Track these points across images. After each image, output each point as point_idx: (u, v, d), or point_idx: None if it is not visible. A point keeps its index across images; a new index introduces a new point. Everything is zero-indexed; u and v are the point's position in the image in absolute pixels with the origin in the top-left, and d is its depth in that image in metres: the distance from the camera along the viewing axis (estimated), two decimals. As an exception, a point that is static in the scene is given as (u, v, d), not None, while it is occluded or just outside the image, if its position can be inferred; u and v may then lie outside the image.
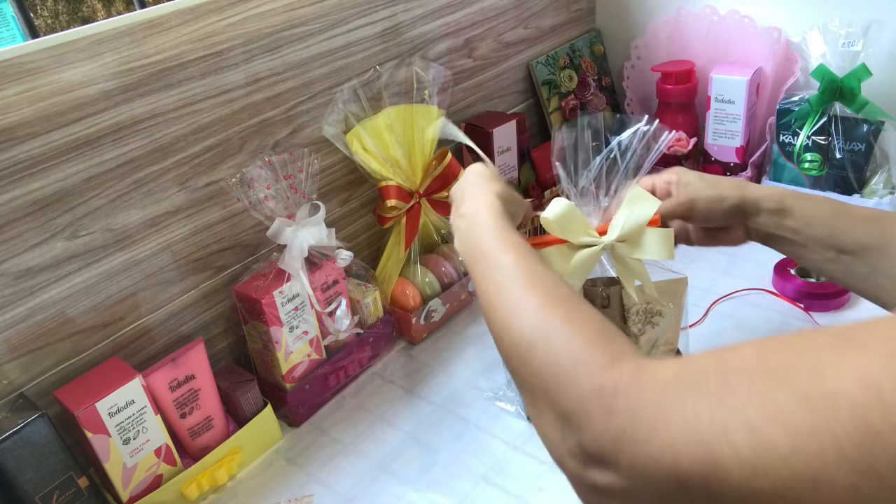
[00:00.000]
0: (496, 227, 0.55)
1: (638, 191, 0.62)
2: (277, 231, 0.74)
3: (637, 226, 0.63)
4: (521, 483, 0.69)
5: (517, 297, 0.47)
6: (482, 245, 0.55)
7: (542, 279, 0.48)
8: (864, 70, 0.93)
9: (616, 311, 0.70)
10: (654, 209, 0.63)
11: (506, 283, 0.49)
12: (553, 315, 0.44)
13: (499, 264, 0.51)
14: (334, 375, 0.83)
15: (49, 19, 2.22)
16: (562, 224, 0.62)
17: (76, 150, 0.64)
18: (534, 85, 1.16)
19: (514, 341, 0.45)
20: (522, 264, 0.50)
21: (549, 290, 0.47)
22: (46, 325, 0.67)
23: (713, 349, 0.36)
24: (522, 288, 0.48)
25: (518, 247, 0.53)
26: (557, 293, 0.47)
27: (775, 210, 0.62)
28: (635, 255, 0.65)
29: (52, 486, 0.62)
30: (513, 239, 0.54)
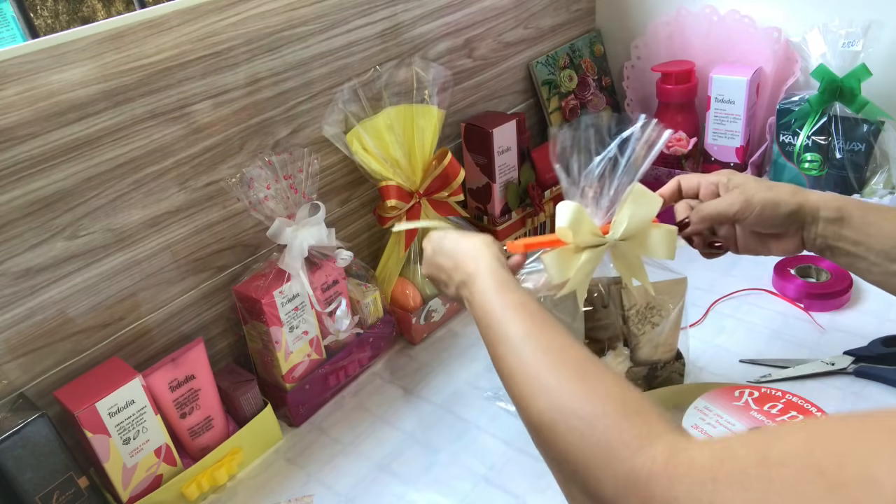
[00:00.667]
0: (496, 290, 0.54)
1: (640, 189, 0.62)
2: (277, 231, 0.74)
3: (641, 224, 0.62)
4: (521, 483, 0.69)
5: (532, 371, 0.45)
6: (486, 313, 0.53)
7: (553, 345, 0.46)
8: (864, 70, 0.93)
9: (616, 311, 0.70)
10: (657, 207, 0.63)
11: (514, 355, 0.47)
12: (572, 390, 0.42)
13: (505, 335, 0.50)
14: (334, 375, 0.83)
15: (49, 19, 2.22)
16: (573, 227, 0.62)
17: (76, 150, 0.64)
18: (534, 85, 1.16)
19: (535, 420, 0.43)
20: (531, 329, 0.48)
21: (560, 358, 0.45)
22: (46, 325, 0.67)
23: (754, 431, 0.33)
24: (532, 360, 0.46)
25: (523, 308, 0.51)
26: (571, 359, 0.44)
27: (834, 219, 0.59)
28: (638, 253, 0.65)
29: (52, 486, 0.62)
30: (516, 299, 0.52)
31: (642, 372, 0.73)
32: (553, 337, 0.47)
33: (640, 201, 0.62)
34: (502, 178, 1.00)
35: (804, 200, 0.60)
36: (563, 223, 0.62)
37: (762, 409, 0.68)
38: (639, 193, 0.62)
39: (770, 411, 0.68)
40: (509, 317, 0.51)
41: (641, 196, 0.62)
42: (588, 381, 0.43)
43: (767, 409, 0.68)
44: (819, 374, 0.76)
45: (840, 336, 0.81)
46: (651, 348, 0.73)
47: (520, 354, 0.47)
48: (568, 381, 0.43)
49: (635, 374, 0.73)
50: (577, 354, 0.45)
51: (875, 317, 0.84)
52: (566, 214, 0.62)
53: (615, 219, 0.62)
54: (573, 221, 0.61)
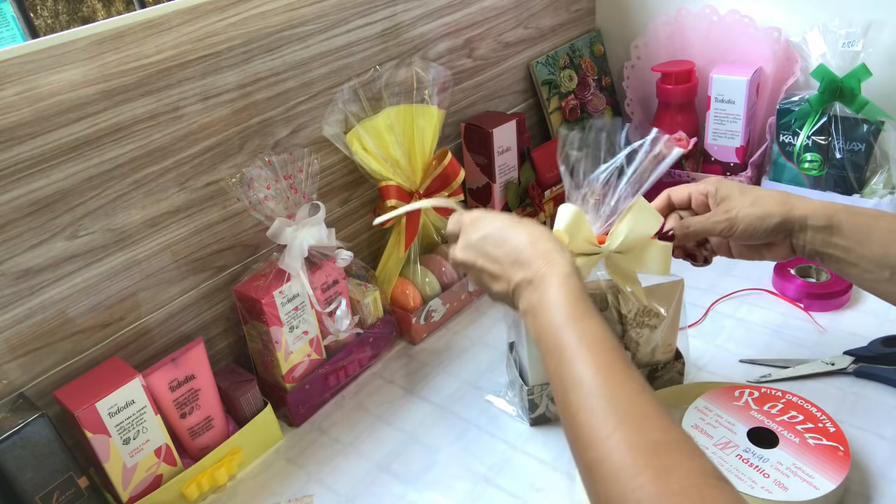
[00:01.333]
0: (572, 315, 0.48)
1: (643, 204, 0.61)
2: (277, 231, 0.74)
3: (638, 240, 0.62)
4: (521, 483, 0.69)
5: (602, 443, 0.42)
6: (553, 337, 0.48)
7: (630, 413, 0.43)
8: (864, 70, 0.93)
9: (614, 315, 0.70)
10: (657, 225, 0.62)
11: (586, 411, 0.44)
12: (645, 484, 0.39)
13: (576, 379, 0.45)
14: (334, 375, 0.83)
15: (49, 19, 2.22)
16: (570, 231, 0.61)
17: (76, 150, 0.64)
18: (534, 85, 1.16)
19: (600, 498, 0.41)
20: (605, 383, 0.44)
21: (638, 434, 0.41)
22: (46, 325, 0.67)
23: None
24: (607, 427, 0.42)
25: (599, 347, 0.46)
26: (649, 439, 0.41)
27: (823, 227, 0.58)
28: (632, 267, 0.65)
29: (52, 486, 0.62)
30: (593, 331, 0.47)
31: (643, 374, 0.73)
32: (632, 400, 0.44)
33: (641, 217, 0.61)
34: (502, 178, 1.00)
35: (790, 210, 0.60)
36: (560, 226, 0.62)
37: (762, 409, 0.68)
38: (641, 209, 0.61)
39: (770, 411, 0.68)
40: (582, 355, 0.46)
41: (643, 212, 0.61)
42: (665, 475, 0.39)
43: (767, 409, 0.68)
44: (819, 374, 0.76)
45: (840, 336, 0.81)
46: (650, 350, 0.73)
47: (592, 416, 0.43)
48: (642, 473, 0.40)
49: (635, 375, 0.73)
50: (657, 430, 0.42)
51: (875, 317, 0.84)
52: (565, 218, 0.61)
53: (613, 230, 0.62)
54: (571, 226, 0.61)
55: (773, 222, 0.60)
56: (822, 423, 0.66)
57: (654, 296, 0.69)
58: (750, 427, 0.67)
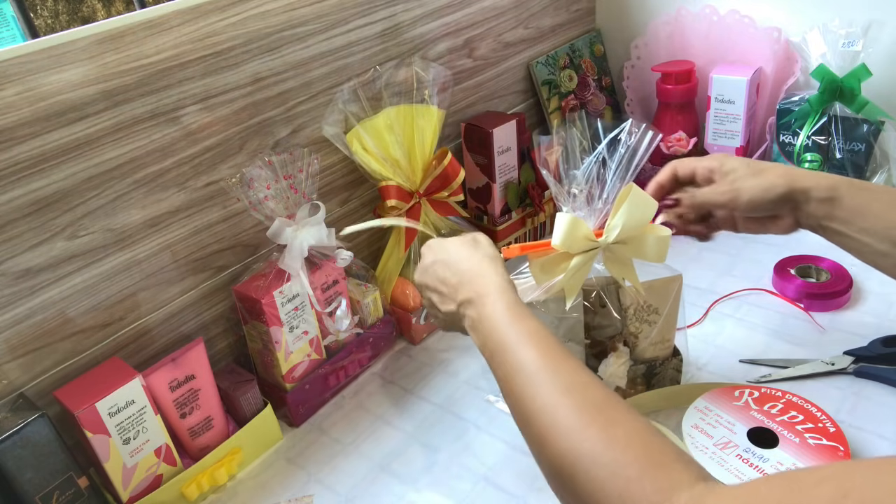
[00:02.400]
0: (509, 317, 0.51)
1: (637, 192, 0.61)
2: (277, 231, 0.74)
3: (635, 228, 0.62)
4: (521, 483, 0.69)
5: (549, 411, 0.43)
6: (495, 338, 0.51)
7: (571, 384, 0.44)
8: (864, 70, 0.93)
9: (614, 311, 0.70)
10: (653, 211, 0.62)
11: (530, 388, 0.45)
12: (592, 436, 0.40)
13: (519, 365, 0.47)
14: (334, 375, 0.83)
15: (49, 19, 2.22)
16: (568, 241, 0.61)
17: (76, 150, 0.64)
18: (534, 85, 1.16)
19: (553, 462, 0.42)
20: (547, 364, 0.46)
21: (582, 399, 0.43)
22: (46, 325, 0.67)
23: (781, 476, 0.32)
24: (552, 398, 0.44)
25: (539, 338, 0.48)
26: (592, 402, 0.43)
27: (825, 199, 0.59)
28: (630, 256, 0.64)
29: (52, 486, 0.62)
30: (531, 327, 0.50)
31: (641, 370, 0.73)
32: (573, 374, 0.45)
33: (636, 205, 0.61)
34: (502, 178, 1.00)
35: (793, 182, 0.60)
36: (557, 238, 0.61)
37: (762, 409, 0.68)
38: (635, 197, 0.61)
39: (770, 411, 0.68)
40: (524, 345, 0.48)
41: (637, 200, 0.61)
42: (611, 426, 0.41)
43: (767, 409, 0.68)
44: (819, 374, 0.76)
45: (840, 336, 0.81)
46: (649, 346, 0.73)
47: (538, 391, 0.45)
48: (590, 426, 0.41)
49: (635, 373, 0.73)
50: (598, 394, 0.44)
51: (875, 317, 0.84)
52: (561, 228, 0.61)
53: (609, 223, 0.62)
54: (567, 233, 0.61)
55: (777, 193, 0.60)
56: (822, 423, 0.66)
57: (654, 290, 0.69)
58: (750, 427, 0.67)
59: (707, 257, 0.99)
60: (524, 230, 1.06)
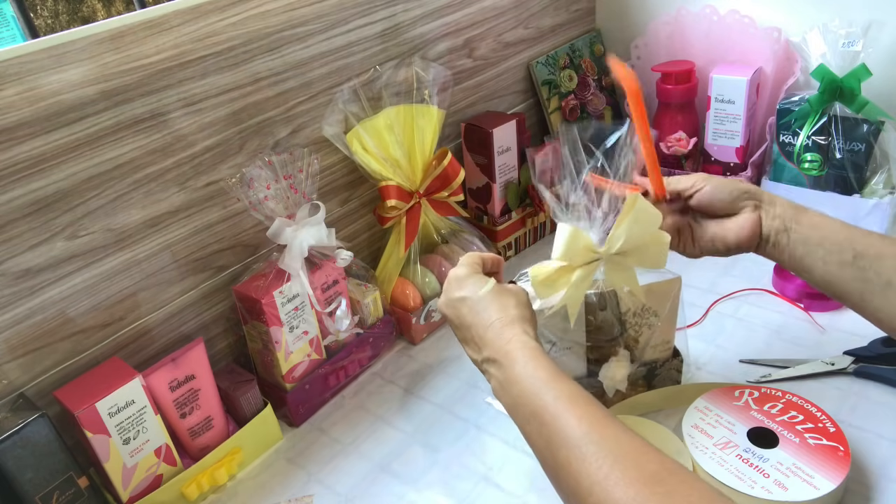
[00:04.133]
0: (542, 381, 0.49)
1: (642, 203, 0.60)
2: (277, 231, 0.74)
3: (639, 239, 0.61)
4: (521, 483, 0.69)
5: (598, 486, 0.41)
6: (529, 405, 0.48)
7: (621, 453, 0.42)
8: (864, 70, 0.93)
9: (613, 315, 0.70)
10: (658, 223, 0.61)
11: (577, 462, 0.43)
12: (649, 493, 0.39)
13: (561, 434, 0.45)
14: (334, 375, 0.83)
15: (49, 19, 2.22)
16: (569, 253, 0.60)
17: (76, 150, 0.64)
18: (534, 85, 1.16)
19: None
20: (590, 432, 0.44)
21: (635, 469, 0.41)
22: (46, 325, 0.67)
23: None
24: (601, 471, 0.42)
25: (578, 403, 0.46)
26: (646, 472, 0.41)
27: (793, 205, 0.61)
28: (631, 264, 0.64)
29: (52, 486, 0.62)
30: (568, 391, 0.47)
31: (642, 372, 0.73)
32: (621, 441, 0.43)
33: (641, 217, 0.60)
34: (502, 178, 1.00)
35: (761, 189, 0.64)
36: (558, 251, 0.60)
37: (762, 409, 0.68)
38: (640, 208, 0.60)
39: (770, 411, 0.68)
40: (564, 410, 0.46)
41: (642, 211, 0.60)
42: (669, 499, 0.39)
43: (767, 409, 0.68)
44: (819, 374, 0.76)
45: (840, 336, 0.81)
46: (649, 348, 0.73)
47: (584, 460, 0.43)
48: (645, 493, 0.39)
49: (635, 375, 0.73)
50: (651, 462, 0.42)
51: (875, 317, 0.84)
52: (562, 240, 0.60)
53: (613, 233, 0.61)
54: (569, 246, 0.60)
55: (742, 187, 0.63)
56: (822, 423, 0.66)
57: (653, 294, 0.69)
58: (750, 427, 0.67)
59: (707, 257, 0.99)
60: (524, 230, 1.06)
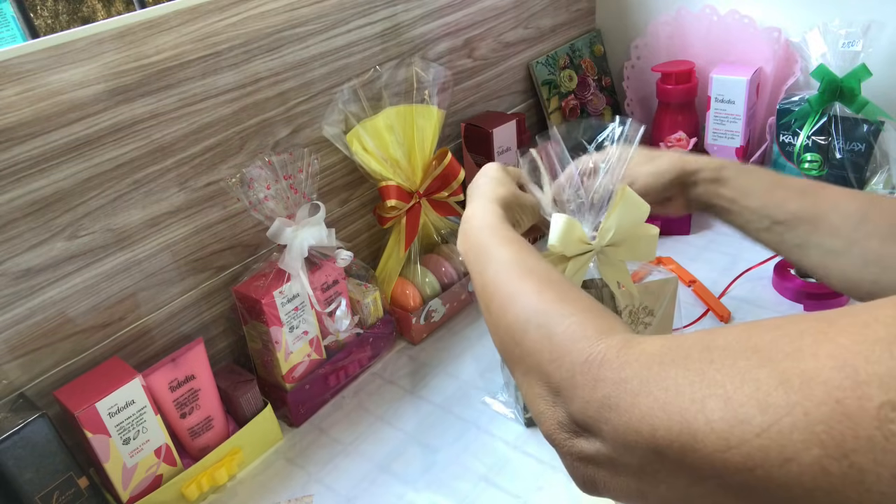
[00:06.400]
0: (492, 225, 0.57)
1: (630, 194, 0.62)
2: (277, 231, 0.74)
3: (629, 230, 0.62)
4: (521, 483, 0.69)
5: (513, 285, 0.49)
6: (479, 241, 0.57)
7: (536, 268, 0.50)
8: (864, 70, 0.93)
9: None
10: (646, 213, 0.63)
11: (501, 273, 0.51)
12: (547, 297, 0.45)
13: (494, 257, 0.53)
14: (334, 375, 0.83)
15: (49, 19, 2.22)
16: (564, 241, 0.61)
17: (76, 150, 0.64)
18: (534, 85, 1.16)
19: (510, 324, 0.47)
20: (517, 256, 0.52)
21: (542, 276, 0.49)
22: (46, 325, 0.67)
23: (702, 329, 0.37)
24: (517, 276, 0.49)
25: (513, 241, 0.54)
26: (550, 278, 0.48)
27: (712, 179, 0.64)
28: (622, 257, 0.65)
29: (52, 486, 0.62)
30: (508, 235, 0.55)
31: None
32: (536, 263, 0.50)
33: (630, 207, 0.62)
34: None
35: (683, 167, 0.66)
36: (555, 238, 0.62)
37: (762, 409, 0.68)
38: (629, 199, 0.62)
39: (770, 411, 0.68)
40: (499, 244, 0.54)
41: (631, 201, 0.62)
42: (564, 291, 0.46)
43: (767, 409, 0.68)
44: (819, 374, 0.76)
45: (840, 336, 0.81)
46: None
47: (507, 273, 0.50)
48: (545, 291, 0.46)
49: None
50: (556, 276, 0.49)
51: (875, 317, 0.84)
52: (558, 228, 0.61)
53: (603, 225, 0.62)
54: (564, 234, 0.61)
55: (666, 178, 0.66)
56: (822, 423, 0.66)
57: (648, 292, 0.70)
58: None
59: (707, 257, 0.99)
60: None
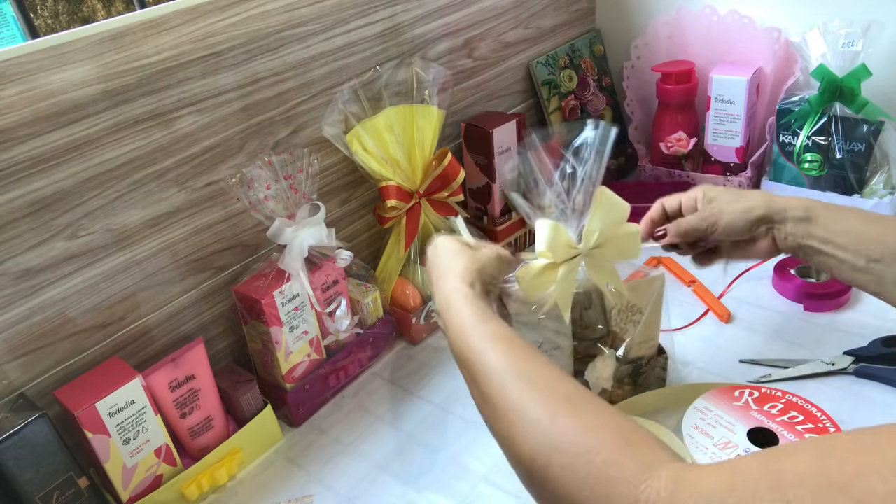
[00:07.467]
0: (469, 321, 0.51)
1: (608, 195, 0.62)
2: (277, 231, 0.74)
3: (612, 230, 0.63)
4: (521, 483, 0.69)
5: (518, 408, 0.43)
6: (464, 349, 0.50)
7: (535, 379, 0.44)
8: (864, 70, 0.93)
9: (599, 312, 0.70)
10: (626, 211, 0.63)
11: (497, 389, 0.45)
12: (562, 426, 0.40)
13: (487, 367, 0.47)
14: (334, 375, 0.83)
15: (49, 19, 2.22)
16: (553, 246, 0.62)
17: (76, 150, 0.64)
18: (534, 85, 1.16)
19: (526, 459, 0.41)
20: (512, 363, 0.46)
21: (548, 392, 0.43)
22: (46, 325, 0.67)
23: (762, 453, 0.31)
24: (518, 394, 0.44)
25: (499, 338, 0.48)
26: (558, 393, 0.42)
27: (802, 218, 0.62)
28: (609, 258, 0.65)
29: (52, 486, 0.62)
30: (491, 330, 0.49)
31: (628, 370, 0.73)
32: (537, 368, 0.45)
33: (610, 208, 0.62)
34: (502, 179, 1.00)
35: (770, 203, 0.64)
36: (542, 243, 0.62)
37: (762, 409, 0.68)
38: (607, 200, 0.62)
39: (770, 411, 0.68)
40: (487, 347, 0.48)
41: (610, 202, 0.62)
42: (580, 413, 0.41)
43: (767, 409, 0.68)
44: (819, 374, 0.76)
45: (840, 336, 0.81)
46: (634, 346, 0.73)
47: (503, 388, 0.45)
48: (559, 416, 0.41)
49: (621, 373, 0.73)
50: (564, 386, 0.43)
51: (875, 317, 0.84)
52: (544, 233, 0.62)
53: (587, 228, 0.63)
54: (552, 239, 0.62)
55: (755, 214, 0.64)
56: (822, 424, 0.66)
57: (636, 291, 0.70)
58: (750, 427, 0.67)
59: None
60: (524, 230, 1.06)
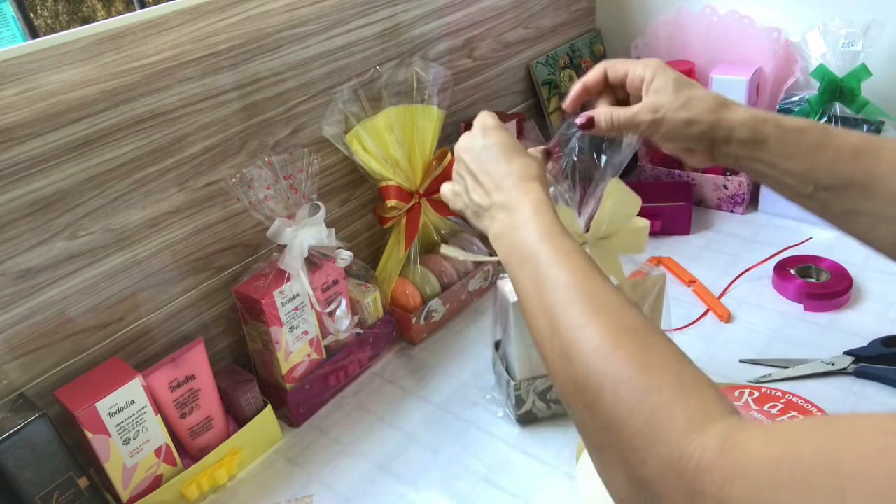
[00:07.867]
0: (547, 231, 0.48)
1: (622, 187, 0.62)
2: (277, 231, 0.74)
3: (621, 223, 0.63)
4: (521, 483, 0.69)
5: (578, 328, 0.41)
6: (528, 250, 0.48)
7: (607, 304, 0.42)
8: (864, 70, 0.93)
9: None
10: (637, 206, 0.63)
11: (562, 304, 0.43)
12: (624, 357, 0.38)
13: (553, 280, 0.45)
14: (334, 375, 0.83)
15: (49, 19, 2.22)
16: None
17: (76, 150, 0.64)
18: (534, 85, 1.16)
19: (576, 383, 0.40)
20: (582, 283, 0.44)
21: (616, 320, 0.41)
22: (46, 325, 0.67)
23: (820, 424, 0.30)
24: (584, 315, 0.42)
25: (575, 257, 0.46)
26: (626, 324, 0.41)
27: (749, 140, 0.57)
28: (615, 250, 0.65)
29: (52, 486, 0.62)
30: (567, 247, 0.47)
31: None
32: (608, 295, 0.43)
33: (621, 200, 0.62)
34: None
35: (718, 120, 0.57)
36: None
37: (762, 409, 0.68)
38: (620, 192, 0.62)
39: (770, 411, 0.68)
40: (560, 263, 0.45)
41: (622, 195, 0.62)
42: (644, 350, 0.39)
43: (767, 409, 0.68)
44: (819, 374, 0.76)
45: (840, 336, 0.81)
46: None
47: (571, 305, 0.42)
48: (622, 348, 0.39)
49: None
50: (633, 318, 0.41)
51: (875, 317, 0.84)
52: None
53: (597, 216, 0.63)
54: None
55: (697, 129, 0.58)
56: (822, 423, 0.66)
57: (637, 289, 0.70)
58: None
59: (707, 257, 0.99)
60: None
